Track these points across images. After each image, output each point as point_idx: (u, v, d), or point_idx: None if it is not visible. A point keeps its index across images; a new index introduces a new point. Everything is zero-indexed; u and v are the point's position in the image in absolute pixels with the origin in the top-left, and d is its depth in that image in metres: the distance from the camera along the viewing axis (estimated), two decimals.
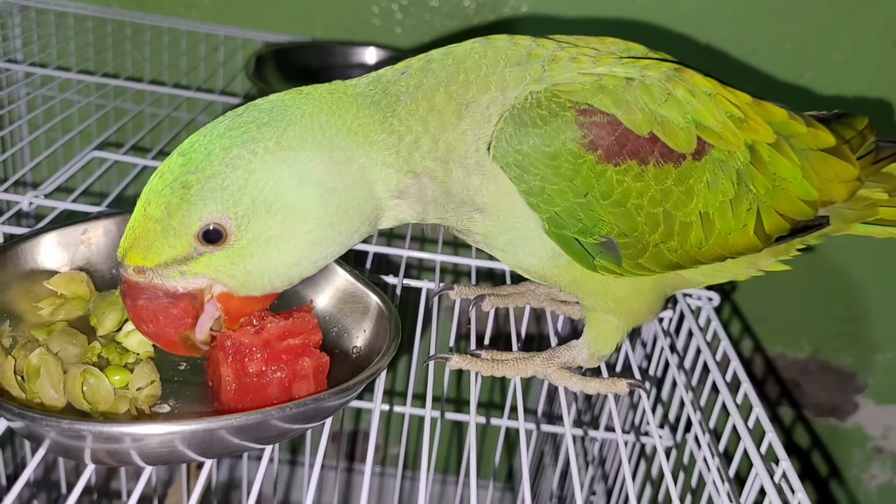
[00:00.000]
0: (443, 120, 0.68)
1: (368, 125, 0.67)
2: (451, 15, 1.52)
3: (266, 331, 0.70)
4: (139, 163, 1.10)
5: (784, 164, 0.75)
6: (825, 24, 1.49)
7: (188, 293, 0.67)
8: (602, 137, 0.67)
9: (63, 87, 1.42)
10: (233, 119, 0.65)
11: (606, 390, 0.82)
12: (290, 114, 0.65)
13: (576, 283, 0.77)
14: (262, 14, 1.55)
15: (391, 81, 0.69)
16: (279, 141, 0.63)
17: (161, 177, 0.64)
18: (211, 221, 0.62)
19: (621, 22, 1.48)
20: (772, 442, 0.78)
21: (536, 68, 0.70)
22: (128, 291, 0.66)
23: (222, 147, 0.63)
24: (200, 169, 0.62)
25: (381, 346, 0.74)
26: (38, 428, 0.60)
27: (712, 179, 0.71)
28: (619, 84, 0.68)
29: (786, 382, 1.77)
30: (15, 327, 0.73)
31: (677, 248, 0.73)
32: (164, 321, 0.67)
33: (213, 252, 0.64)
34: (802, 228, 0.80)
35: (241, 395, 0.69)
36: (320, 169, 0.64)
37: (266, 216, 0.63)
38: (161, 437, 0.60)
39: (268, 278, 0.67)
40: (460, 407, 1.73)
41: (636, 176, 0.68)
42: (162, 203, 0.62)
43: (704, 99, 0.71)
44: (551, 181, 0.67)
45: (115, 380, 0.70)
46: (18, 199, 0.96)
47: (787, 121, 0.77)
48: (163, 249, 0.63)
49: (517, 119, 0.67)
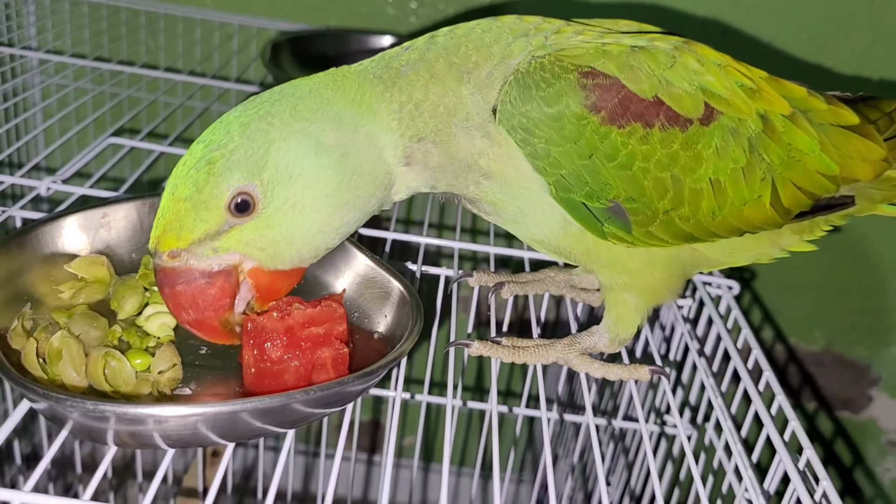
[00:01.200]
0: (443, 86, 0.69)
1: (371, 96, 0.70)
2: (465, 3, 1.51)
3: (291, 317, 0.70)
4: (156, 149, 1.10)
5: (800, 136, 0.74)
6: (843, 14, 1.48)
7: (223, 270, 0.68)
8: (605, 99, 0.67)
9: (77, 75, 1.42)
10: (246, 104, 0.68)
11: (628, 376, 0.81)
12: (300, 91, 0.68)
13: (589, 255, 0.76)
14: (276, 3, 1.55)
15: (394, 56, 0.72)
16: (293, 112, 0.66)
17: (184, 163, 0.66)
18: (239, 190, 0.64)
19: (637, 7, 1.48)
20: (795, 430, 0.78)
21: (540, 39, 0.71)
22: (165, 280, 0.68)
23: (241, 124, 0.66)
24: (223, 145, 0.65)
25: (402, 332, 0.73)
26: (62, 409, 0.59)
27: (722, 146, 0.71)
28: (623, 50, 0.69)
29: (805, 372, 1.76)
30: (36, 310, 0.73)
31: (689, 217, 0.72)
32: (203, 304, 0.68)
33: (243, 223, 0.66)
34: (826, 207, 0.79)
35: (258, 379, 0.69)
36: (332, 136, 0.67)
37: (289, 182, 0.66)
38: (185, 418, 0.60)
39: (295, 247, 0.68)
40: (475, 395, 1.73)
41: (641, 139, 0.68)
42: (189, 183, 0.64)
43: (713, 68, 0.71)
44: (556, 143, 0.68)
45: (135, 363, 0.70)
46: (36, 184, 0.96)
47: (805, 97, 0.77)
48: (196, 225, 0.65)
49: (521, 82, 0.68)
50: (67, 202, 0.96)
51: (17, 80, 1.37)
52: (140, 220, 0.83)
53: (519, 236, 0.79)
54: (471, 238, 1.55)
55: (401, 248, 1.03)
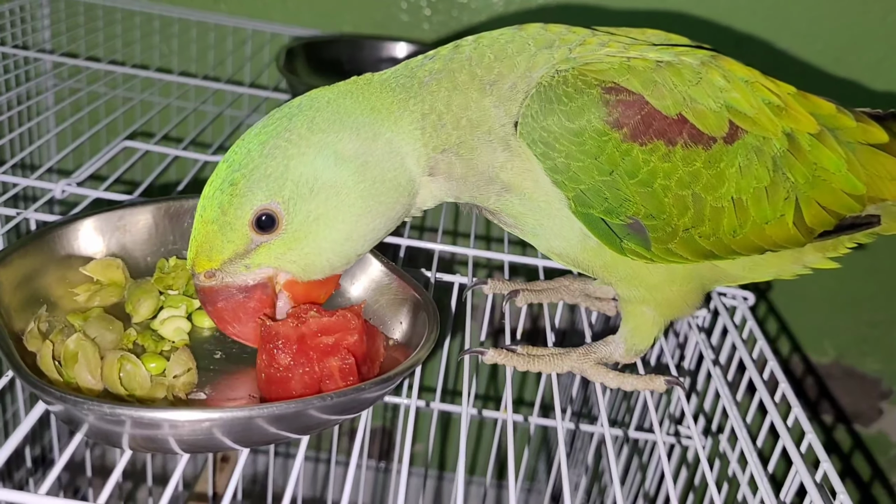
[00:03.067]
0: (466, 98, 0.69)
1: (392, 104, 0.70)
2: (479, 11, 1.51)
3: (305, 325, 0.69)
4: (170, 153, 1.10)
5: (826, 155, 0.73)
6: (857, 26, 1.47)
7: (259, 284, 0.70)
8: (628, 116, 0.66)
9: (91, 79, 1.42)
10: (266, 119, 0.69)
11: (644, 387, 0.81)
12: (317, 103, 0.69)
13: (607, 269, 0.76)
14: (290, 8, 1.55)
15: (418, 66, 0.72)
16: (310, 126, 0.67)
17: (210, 185, 0.68)
18: (261, 209, 0.66)
19: (654, 15, 1.47)
20: (812, 443, 0.77)
21: (564, 51, 0.71)
22: (206, 298, 0.70)
23: (259, 142, 0.67)
24: (243, 165, 0.66)
25: (418, 339, 0.73)
26: (79, 412, 0.59)
27: (745, 164, 0.70)
28: (648, 66, 0.68)
29: (822, 384, 1.75)
30: (51, 313, 0.73)
31: (709, 235, 0.72)
32: (245, 317, 0.71)
33: (269, 241, 0.67)
34: (850, 226, 0.78)
35: (267, 385, 0.68)
36: (351, 146, 0.67)
37: (310, 197, 0.66)
38: (201, 423, 0.59)
39: (325, 258, 0.69)
40: (487, 403, 1.72)
41: (663, 156, 0.67)
42: (215, 205, 0.66)
43: (740, 85, 0.71)
44: (576, 158, 0.67)
45: (150, 367, 0.70)
46: (51, 186, 0.96)
47: (834, 114, 0.76)
48: (224, 246, 0.67)
49: (543, 96, 0.67)
50: (82, 205, 0.96)
51: (31, 83, 1.38)
52: (156, 224, 0.83)
53: (538, 248, 0.78)
54: (485, 245, 1.55)
55: (415, 255, 1.03)
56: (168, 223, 0.84)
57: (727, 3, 1.47)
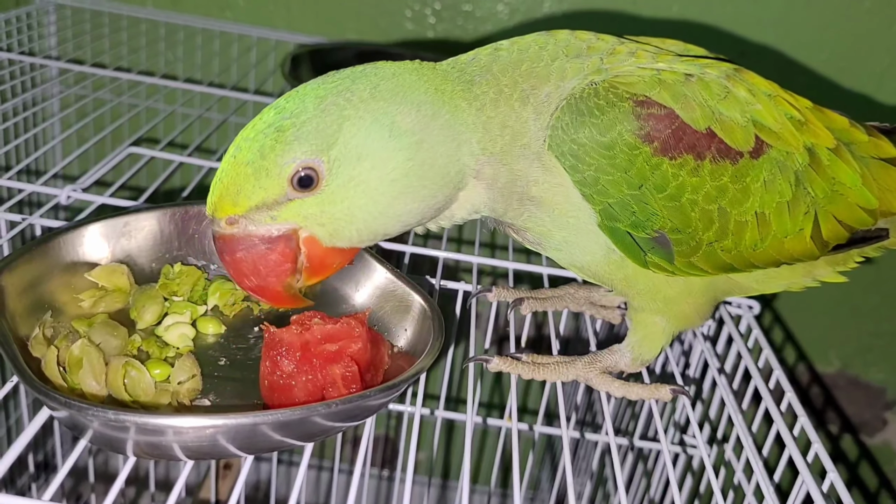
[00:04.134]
0: (510, 106, 0.68)
1: (452, 91, 0.68)
2: (484, 19, 1.51)
3: (309, 332, 0.69)
4: (175, 159, 1.10)
5: (844, 170, 0.74)
6: (862, 35, 1.47)
7: (283, 235, 0.66)
8: (659, 130, 0.66)
9: (96, 86, 1.42)
10: (325, 77, 0.66)
11: (649, 396, 0.80)
12: (382, 72, 0.66)
13: (627, 282, 0.76)
14: (294, 16, 1.55)
15: (466, 63, 0.71)
16: (373, 92, 0.64)
17: (253, 126, 0.64)
18: (304, 164, 0.63)
19: (659, 24, 1.48)
20: (818, 453, 0.77)
21: (595, 60, 0.70)
22: (224, 247, 0.66)
23: (317, 96, 0.64)
24: (295, 114, 0.63)
25: (423, 346, 0.73)
26: (83, 418, 0.59)
27: (769, 179, 0.70)
28: (678, 79, 0.68)
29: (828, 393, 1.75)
30: (56, 318, 0.73)
31: (731, 249, 0.71)
32: (265, 270, 0.66)
33: (303, 198, 0.64)
34: (861, 239, 0.78)
35: (270, 391, 0.68)
36: (409, 120, 0.65)
37: (356, 162, 0.64)
38: (205, 430, 0.59)
39: (355, 227, 0.66)
40: (490, 411, 1.72)
41: (692, 171, 0.67)
42: (255, 147, 0.63)
43: (764, 99, 0.71)
44: (606, 172, 0.67)
45: (155, 373, 0.69)
46: (57, 192, 0.96)
47: (847, 128, 0.76)
48: (254, 192, 0.63)
49: (574, 108, 0.67)
50: (87, 211, 0.96)
51: (37, 89, 1.38)
52: (161, 230, 0.83)
53: (559, 261, 0.77)
54: (489, 253, 1.54)
55: (419, 263, 1.03)
56: (173, 229, 0.84)
57: (732, 12, 1.47)
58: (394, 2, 1.52)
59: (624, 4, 1.48)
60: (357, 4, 1.53)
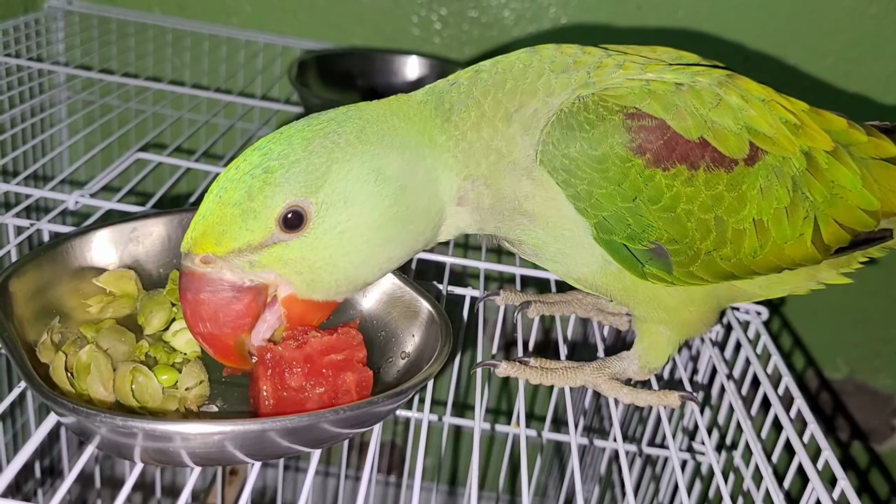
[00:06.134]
0: (493, 127, 0.68)
1: (433, 128, 0.68)
2: (490, 25, 1.51)
3: (308, 345, 0.68)
4: (183, 165, 1.10)
5: (843, 172, 0.73)
6: (869, 40, 1.47)
7: (254, 287, 0.66)
8: (650, 141, 0.66)
9: (104, 91, 1.43)
10: (309, 119, 0.66)
11: (658, 403, 0.80)
12: (366, 115, 0.66)
13: (626, 292, 0.75)
14: (301, 22, 1.56)
15: (444, 91, 0.71)
16: (360, 136, 0.65)
17: (238, 168, 0.64)
18: (294, 204, 0.62)
19: (662, 32, 1.48)
20: (828, 460, 0.76)
21: (582, 75, 0.70)
22: (190, 284, 0.65)
23: (304, 138, 0.64)
24: (283, 156, 0.63)
25: (431, 352, 0.72)
26: (91, 424, 0.59)
27: (766, 186, 0.69)
28: (668, 89, 0.68)
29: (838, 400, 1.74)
30: (64, 324, 0.73)
31: (730, 257, 0.71)
32: (224, 318, 0.66)
33: (288, 241, 0.63)
34: (864, 241, 0.78)
35: (278, 409, 0.67)
36: (395, 166, 0.65)
37: (343, 207, 0.64)
38: (213, 436, 0.59)
39: (335, 277, 0.66)
40: (496, 417, 1.72)
41: (686, 181, 0.67)
42: (242, 188, 0.62)
43: (758, 104, 0.70)
44: (599, 185, 0.66)
45: (162, 379, 0.69)
46: (65, 197, 0.96)
47: (846, 129, 0.76)
48: (240, 234, 0.62)
49: (564, 123, 0.66)
50: (94, 216, 0.96)
51: (45, 95, 1.38)
52: (168, 236, 0.83)
53: (556, 273, 0.77)
54: (496, 258, 1.54)
55: (424, 268, 1.03)
56: (181, 235, 0.84)
57: (736, 19, 1.47)
58: (400, 8, 1.52)
59: (629, 11, 1.48)
60: (363, 10, 1.53)
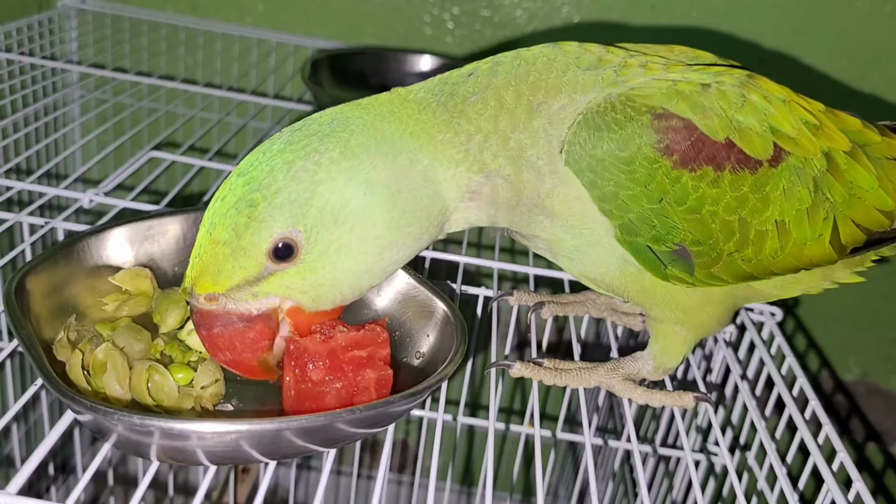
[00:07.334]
0: (514, 118, 0.67)
1: (432, 126, 0.66)
2: (503, 25, 1.51)
3: (333, 340, 0.69)
4: (196, 163, 1.11)
5: (860, 173, 0.73)
6: (883, 41, 1.46)
7: (262, 314, 0.66)
8: (678, 142, 0.65)
9: (117, 90, 1.43)
10: (291, 134, 0.64)
11: (672, 403, 0.80)
12: (352, 124, 0.64)
13: (645, 293, 0.75)
14: (314, 21, 1.56)
15: (458, 83, 0.69)
16: (343, 151, 0.63)
17: (223, 199, 0.63)
18: (281, 237, 0.61)
19: (678, 31, 1.47)
20: (843, 461, 0.76)
21: (609, 73, 0.69)
22: (201, 321, 0.66)
23: (285, 161, 0.62)
24: (265, 186, 0.61)
25: (446, 353, 0.72)
26: (108, 422, 0.59)
27: (789, 187, 0.69)
28: (694, 89, 0.67)
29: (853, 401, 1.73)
30: (80, 322, 0.73)
31: (752, 258, 0.71)
32: (241, 347, 0.66)
33: (284, 269, 0.63)
34: (877, 241, 0.78)
35: (299, 401, 0.67)
36: (384, 174, 0.64)
37: (334, 226, 0.63)
38: (230, 435, 0.59)
39: (339, 290, 0.66)
40: (508, 417, 1.71)
41: (712, 182, 0.66)
42: (228, 225, 0.61)
43: (780, 105, 0.70)
44: (625, 187, 0.66)
45: (178, 377, 0.69)
46: (79, 196, 0.96)
47: (861, 129, 0.76)
48: (234, 272, 0.62)
49: (591, 123, 0.66)
50: (109, 215, 0.96)
51: (59, 94, 1.39)
52: (184, 234, 0.83)
53: (570, 272, 0.77)
54: (510, 258, 1.54)
55: (437, 267, 1.03)
56: (195, 233, 0.84)
57: (751, 19, 1.47)
58: (413, 7, 1.52)
59: (642, 10, 1.48)
60: (376, 10, 1.53)
